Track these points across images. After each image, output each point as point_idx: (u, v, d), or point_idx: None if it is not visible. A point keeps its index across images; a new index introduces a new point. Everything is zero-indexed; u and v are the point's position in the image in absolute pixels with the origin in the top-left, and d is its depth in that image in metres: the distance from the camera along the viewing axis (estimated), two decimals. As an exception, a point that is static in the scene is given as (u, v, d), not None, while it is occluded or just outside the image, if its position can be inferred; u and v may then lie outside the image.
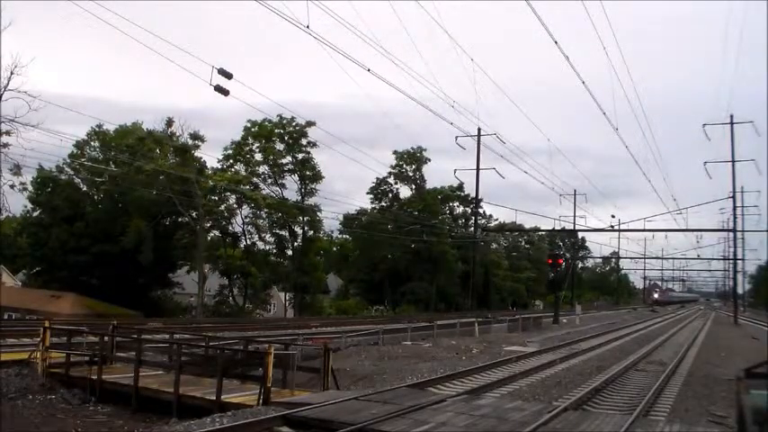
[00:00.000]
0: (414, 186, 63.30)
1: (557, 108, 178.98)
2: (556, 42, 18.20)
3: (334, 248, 73.72)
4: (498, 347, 23.88)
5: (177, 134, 48.67)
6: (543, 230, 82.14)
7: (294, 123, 52.01)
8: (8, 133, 31.90)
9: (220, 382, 11.56)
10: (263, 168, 53.99)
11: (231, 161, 52.76)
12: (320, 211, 54.14)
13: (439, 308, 60.86)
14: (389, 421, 8.81)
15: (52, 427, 11.50)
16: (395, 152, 62.51)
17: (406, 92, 29.60)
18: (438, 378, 14.55)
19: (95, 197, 52.46)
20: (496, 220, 79.10)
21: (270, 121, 51.39)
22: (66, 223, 49.02)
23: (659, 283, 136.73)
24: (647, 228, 63.31)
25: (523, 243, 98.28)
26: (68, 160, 48.69)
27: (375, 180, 62.90)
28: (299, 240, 55.89)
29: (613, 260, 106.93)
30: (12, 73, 30.12)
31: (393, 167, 62.24)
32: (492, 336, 30.48)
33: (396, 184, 63.48)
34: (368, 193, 63.79)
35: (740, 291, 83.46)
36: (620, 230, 54.71)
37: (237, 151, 52.50)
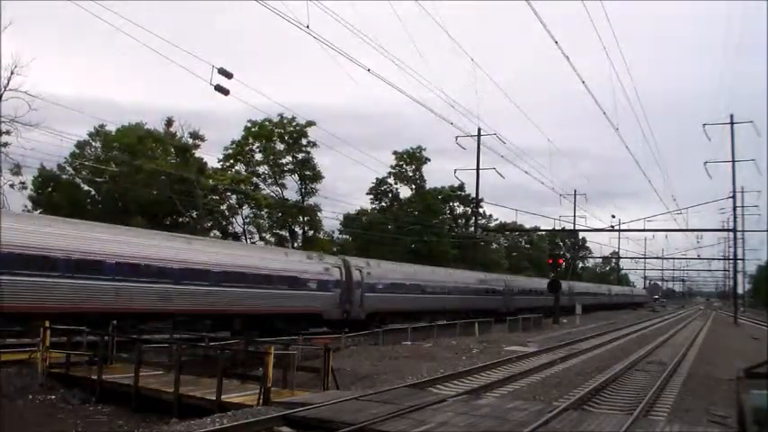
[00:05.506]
0: (414, 186, 63.20)
1: (557, 108, 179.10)
2: (556, 42, 18.26)
3: (335, 249, 73.61)
4: (498, 347, 23.89)
5: (177, 134, 48.72)
6: (543, 230, 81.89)
7: (294, 123, 52.05)
8: (8, 133, 32.00)
9: (220, 382, 11.56)
10: (263, 168, 54.02)
11: (231, 161, 52.78)
12: (320, 210, 54.27)
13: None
14: (390, 421, 8.82)
15: (52, 427, 11.50)
16: (395, 152, 62.42)
17: (406, 92, 29.54)
18: (438, 378, 14.56)
19: (96, 196, 52.43)
20: (496, 220, 78.93)
21: (270, 121, 51.41)
22: (67, 223, 48.93)
23: (659, 283, 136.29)
24: (647, 228, 63.53)
25: (523, 243, 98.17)
26: (69, 160, 48.72)
27: (375, 180, 62.95)
28: (299, 240, 55.85)
29: (613, 260, 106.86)
30: (12, 73, 30.23)
31: (393, 167, 62.18)
32: (492, 336, 30.49)
33: (396, 184, 63.36)
34: (368, 194, 63.76)
35: (740, 291, 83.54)
36: (620, 230, 54.77)
37: (238, 151, 52.50)
